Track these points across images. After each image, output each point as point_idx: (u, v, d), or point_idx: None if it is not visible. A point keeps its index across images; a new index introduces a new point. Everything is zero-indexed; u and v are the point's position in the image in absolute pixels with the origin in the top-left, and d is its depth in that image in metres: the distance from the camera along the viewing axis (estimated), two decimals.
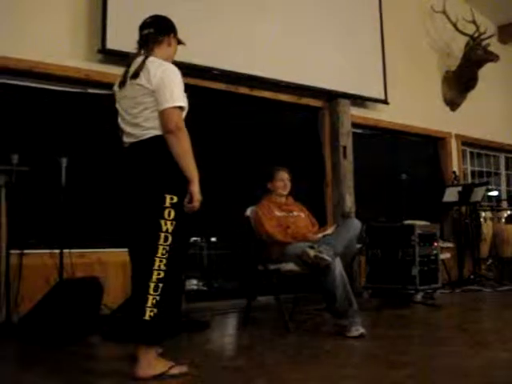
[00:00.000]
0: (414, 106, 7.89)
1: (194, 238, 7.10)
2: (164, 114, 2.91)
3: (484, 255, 7.83)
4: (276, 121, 6.62)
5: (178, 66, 5.16)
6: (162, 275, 2.84)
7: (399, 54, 7.70)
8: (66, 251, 4.58)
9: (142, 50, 3.10)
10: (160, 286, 2.83)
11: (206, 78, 5.85)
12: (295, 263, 4.23)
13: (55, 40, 5.04)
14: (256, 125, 6.41)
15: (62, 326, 3.83)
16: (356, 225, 4.39)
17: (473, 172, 9.23)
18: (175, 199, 2.89)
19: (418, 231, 5.89)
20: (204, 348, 3.78)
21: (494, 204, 9.15)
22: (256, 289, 5.19)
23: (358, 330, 3.90)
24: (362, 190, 7.04)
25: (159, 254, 2.85)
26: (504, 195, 9.60)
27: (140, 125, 2.99)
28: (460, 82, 8.42)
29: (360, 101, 7.21)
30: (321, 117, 7.03)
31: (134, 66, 3.03)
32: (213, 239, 7.29)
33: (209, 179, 5.85)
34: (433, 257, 6.05)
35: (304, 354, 3.46)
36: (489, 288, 6.86)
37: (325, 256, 3.96)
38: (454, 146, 8.54)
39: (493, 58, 8.14)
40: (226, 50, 5.83)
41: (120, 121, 3.12)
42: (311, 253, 4.01)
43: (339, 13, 6.96)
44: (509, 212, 8.01)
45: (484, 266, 7.90)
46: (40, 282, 4.54)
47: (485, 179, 9.11)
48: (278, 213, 4.59)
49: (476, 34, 8.12)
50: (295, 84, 6.44)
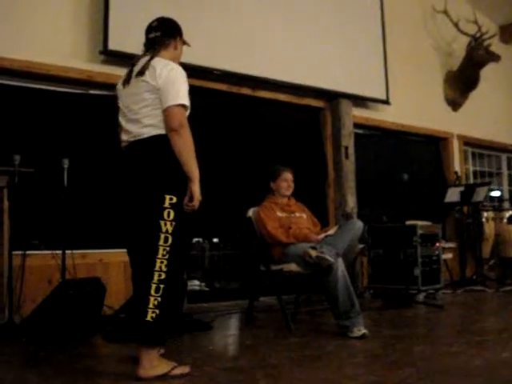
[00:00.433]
0: (416, 106, 7.89)
1: (196, 239, 7.11)
2: (168, 111, 2.92)
3: (486, 255, 7.81)
4: (278, 121, 6.62)
5: (182, 66, 5.17)
6: (163, 276, 2.85)
7: (401, 54, 7.69)
8: (68, 252, 4.58)
9: (148, 52, 3.12)
10: (161, 287, 2.84)
11: (209, 79, 5.86)
12: (297, 264, 4.23)
13: (57, 41, 5.05)
14: (258, 125, 6.42)
15: (65, 327, 3.84)
16: (358, 225, 4.38)
17: (475, 172, 9.23)
18: (174, 200, 2.89)
19: (420, 231, 5.89)
20: (206, 348, 3.78)
21: (496, 204, 9.16)
22: (258, 289, 5.20)
23: (360, 330, 3.89)
24: (364, 190, 7.05)
25: (160, 255, 2.85)
26: (506, 195, 9.60)
27: (139, 121, 2.99)
28: (462, 82, 8.42)
29: (362, 101, 7.22)
30: (322, 117, 7.04)
31: (139, 65, 3.05)
32: (215, 240, 7.30)
33: (211, 180, 5.88)
34: (435, 257, 6.05)
35: (306, 355, 3.46)
36: (491, 288, 6.85)
37: (327, 256, 3.96)
38: (455, 146, 8.54)
39: (494, 58, 8.13)
40: (228, 50, 5.84)
41: (120, 118, 3.13)
42: (313, 253, 4.01)
43: (341, 13, 6.97)
44: (511, 212, 8.00)
45: (486, 266, 7.90)
46: (42, 282, 4.55)
47: (487, 179, 9.11)
48: (279, 214, 4.59)
49: (478, 34, 8.12)
50: (297, 84, 6.44)
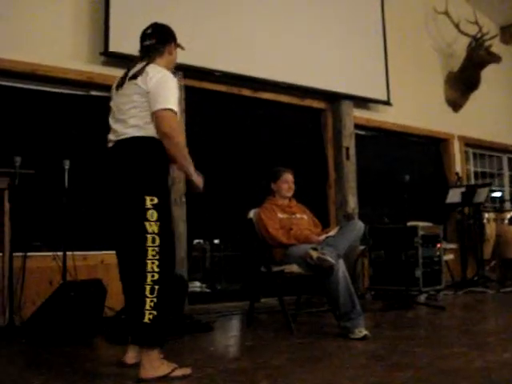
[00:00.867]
0: (417, 107, 7.89)
1: (197, 240, 7.11)
2: (157, 114, 2.95)
3: (487, 256, 7.81)
4: (279, 122, 6.62)
5: (182, 68, 5.19)
6: (156, 277, 2.86)
7: (402, 55, 7.69)
8: (69, 253, 4.58)
9: (144, 59, 3.15)
10: (156, 287, 2.85)
11: (209, 80, 5.86)
12: (298, 265, 4.23)
13: (58, 43, 5.05)
14: (259, 126, 6.42)
15: (66, 329, 3.83)
16: (359, 226, 4.38)
17: (476, 173, 9.22)
18: (155, 200, 2.91)
19: (421, 232, 5.90)
20: (207, 350, 3.77)
21: (497, 205, 9.15)
22: (259, 291, 5.20)
23: (362, 331, 3.89)
24: (365, 191, 7.05)
25: (150, 256, 2.86)
26: (507, 196, 9.59)
27: (125, 120, 3.04)
28: (462, 83, 8.41)
29: (363, 102, 7.21)
30: (323, 118, 7.04)
31: (134, 70, 3.09)
32: (216, 241, 7.30)
33: (212, 181, 5.88)
34: (436, 258, 6.05)
35: (307, 356, 3.46)
36: (492, 289, 6.85)
37: (328, 257, 3.96)
38: (456, 146, 8.54)
39: (495, 59, 8.14)
40: (228, 51, 5.84)
41: (110, 118, 3.18)
42: (314, 254, 4.01)
43: (342, 14, 6.97)
44: None
45: (487, 268, 7.89)
46: (43, 284, 4.55)
47: (488, 180, 9.09)
48: (280, 215, 4.59)
49: (478, 35, 8.12)
50: (298, 85, 6.44)
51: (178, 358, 3.08)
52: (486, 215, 7.89)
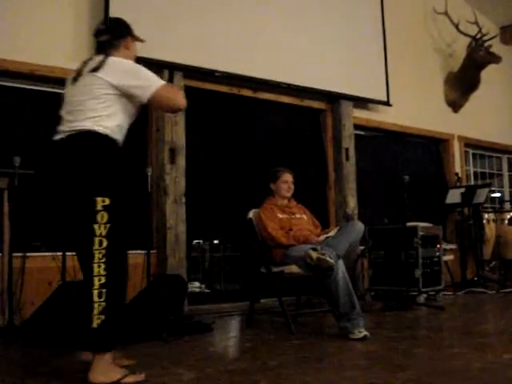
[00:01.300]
0: (417, 107, 7.89)
1: (197, 241, 7.11)
2: (153, 100, 2.96)
3: (487, 257, 7.82)
4: (279, 123, 6.62)
5: (182, 68, 5.19)
6: (103, 280, 2.77)
7: (401, 55, 7.69)
8: (68, 254, 4.58)
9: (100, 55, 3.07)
10: (103, 291, 2.76)
11: (209, 81, 5.86)
12: (298, 265, 4.23)
13: (59, 43, 5.05)
14: (258, 127, 6.42)
15: (65, 329, 3.83)
16: (359, 227, 4.38)
17: (475, 173, 9.23)
18: (107, 201, 2.82)
19: (420, 233, 5.89)
20: (207, 350, 3.77)
21: (497, 205, 9.16)
22: (259, 291, 5.20)
23: (361, 332, 3.89)
24: (365, 191, 7.05)
25: (96, 260, 2.77)
26: (507, 196, 9.60)
27: (79, 109, 2.92)
28: (462, 84, 8.41)
29: (362, 102, 7.21)
30: (323, 119, 7.04)
31: (92, 63, 2.99)
32: (215, 242, 7.30)
33: (212, 181, 5.91)
34: (436, 259, 6.05)
35: (307, 356, 3.46)
36: (491, 290, 6.85)
37: (327, 258, 3.95)
38: (456, 147, 8.54)
39: (495, 59, 8.13)
40: (228, 52, 5.83)
41: (62, 109, 3.05)
42: (314, 255, 4.00)
43: (341, 14, 6.96)
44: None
45: (487, 268, 7.89)
46: (43, 284, 4.55)
47: (487, 181, 9.10)
48: (280, 215, 4.59)
49: (478, 35, 8.11)
50: (298, 86, 6.44)
51: (178, 358, 3.08)
52: (486, 216, 7.90)
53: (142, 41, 3.31)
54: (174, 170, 5.42)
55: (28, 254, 4.58)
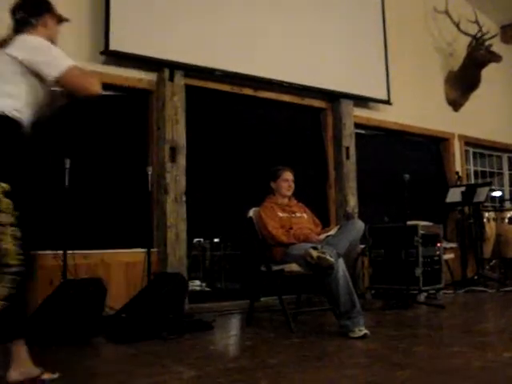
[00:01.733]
0: (417, 106, 7.89)
1: (197, 239, 7.12)
2: (65, 79, 2.80)
3: (487, 256, 7.82)
4: (279, 122, 6.62)
5: (183, 67, 5.19)
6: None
7: (402, 54, 7.69)
8: (69, 252, 4.59)
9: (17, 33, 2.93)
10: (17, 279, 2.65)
11: (210, 80, 5.86)
12: (298, 264, 4.23)
13: (58, 42, 5.04)
14: (259, 126, 6.42)
15: (66, 327, 3.84)
16: (359, 225, 4.38)
17: (476, 172, 9.22)
18: (7, 187, 2.65)
19: (421, 232, 5.90)
20: (207, 348, 3.78)
21: (497, 204, 9.16)
22: (259, 290, 5.20)
23: (362, 330, 3.90)
24: (365, 190, 7.05)
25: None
26: (507, 195, 9.60)
27: None
28: (463, 83, 8.41)
29: (363, 101, 7.21)
30: (324, 117, 7.03)
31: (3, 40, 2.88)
32: (216, 240, 7.31)
33: (212, 180, 5.91)
34: (436, 257, 6.06)
35: (307, 355, 3.46)
36: (492, 288, 6.85)
37: (328, 257, 3.96)
38: (457, 146, 8.53)
39: (496, 58, 8.12)
40: (229, 51, 5.83)
41: None
42: (314, 253, 4.01)
43: (342, 13, 6.96)
44: None
45: (487, 267, 7.90)
46: (44, 283, 4.55)
47: (488, 179, 9.10)
48: (280, 214, 4.59)
49: (479, 35, 8.11)
50: (298, 85, 6.44)
51: (178, 357, 3.08)
52: (486, 214, 7.90)
53: (66, 20, 3.17)
54: (174, 169, 5.42)
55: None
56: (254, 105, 6.42)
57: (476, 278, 7.22)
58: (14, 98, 2.80)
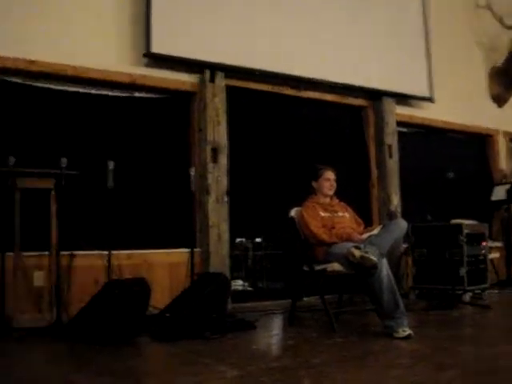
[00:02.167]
0: (460, 103, 7.77)
1: (240, 239, 7.15)
2: None
3: None
4: (321, 121, 6.61)
5: (223, 68, 5.22)
6: None
7: (444, 50, 7.58)
8: (113, 252, 4.66)
9: None
10: None
11: (251, 80, 5.88)
12: (340, 263, 4.21)
13: (101, 46, 5.13)
14: (301, 125, 6.41)
15: (111, 327, 3.90)
16: (402, 225, 4.34)
17: None
18: None
19: (465, 231, 5.81)
20: (250, 348, 3.80)
21: None
22: (301, 289, 5.20)
23: (405, 330, 3.86)
24: (408, 189, 6.98)
25: None
26: None
27: None
28: (506, 77, 8.28)
29: (405, 99, 7.14)
30: (365, 116, 6.99)
31: None
32: (258, 240, 7.32)
33: (254, 180, 5.93)
34: (481, 257, 5.96)
35: (350, 355, 3.45)
36: None
37: (371, 256, 3.93)
38: (501, 143, 8.38)
39: None
40: (270, 50, 5.85)
41: None
42: (357, 253, 3.99)
43: (383, 11, 6.91)
44: None
45: None
46: (89, 282, 4.64)
47: None
48: (322, 213, 4.58)
49: None
50: (340, 83, 6.42)
51: (220, 356, 3.10)
52: None
53: None
54: (216, 169, 5.46)
55: (75, 253, 4.69)
56: (296, 104, 6.41)
57: None
58: None
